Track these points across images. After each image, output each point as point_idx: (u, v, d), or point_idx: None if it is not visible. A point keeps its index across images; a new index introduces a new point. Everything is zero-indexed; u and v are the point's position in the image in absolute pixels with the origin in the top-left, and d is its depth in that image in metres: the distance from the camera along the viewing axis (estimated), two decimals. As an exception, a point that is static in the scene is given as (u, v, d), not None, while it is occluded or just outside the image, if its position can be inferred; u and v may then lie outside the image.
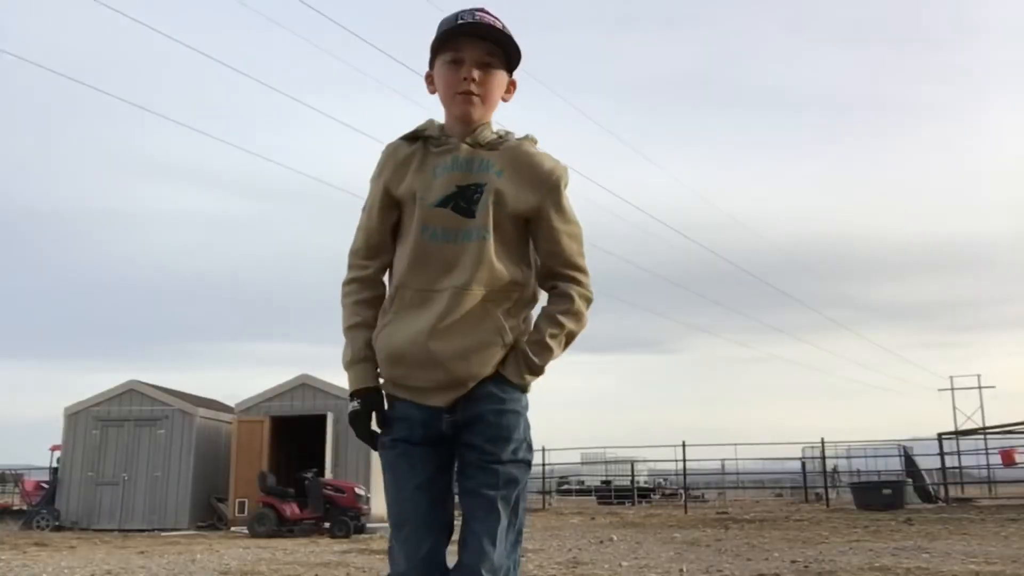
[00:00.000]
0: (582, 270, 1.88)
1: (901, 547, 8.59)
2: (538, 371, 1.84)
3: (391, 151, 1.89)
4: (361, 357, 1.86)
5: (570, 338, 1.86)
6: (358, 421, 1.84)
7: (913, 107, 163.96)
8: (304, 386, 17.27)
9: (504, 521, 1.75)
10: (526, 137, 1.91)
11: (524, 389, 1.84)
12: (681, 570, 6.83)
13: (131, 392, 17.64)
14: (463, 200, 1.79)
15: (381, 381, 1.89)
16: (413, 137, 1.88)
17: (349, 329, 1.88)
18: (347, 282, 1.92)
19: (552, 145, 2.04)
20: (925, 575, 6.25)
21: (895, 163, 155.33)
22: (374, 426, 1.87)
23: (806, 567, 6.89)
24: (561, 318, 1.84)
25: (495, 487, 1.75)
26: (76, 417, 17.49)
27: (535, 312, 1.92)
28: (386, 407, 1.88)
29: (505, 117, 2.09)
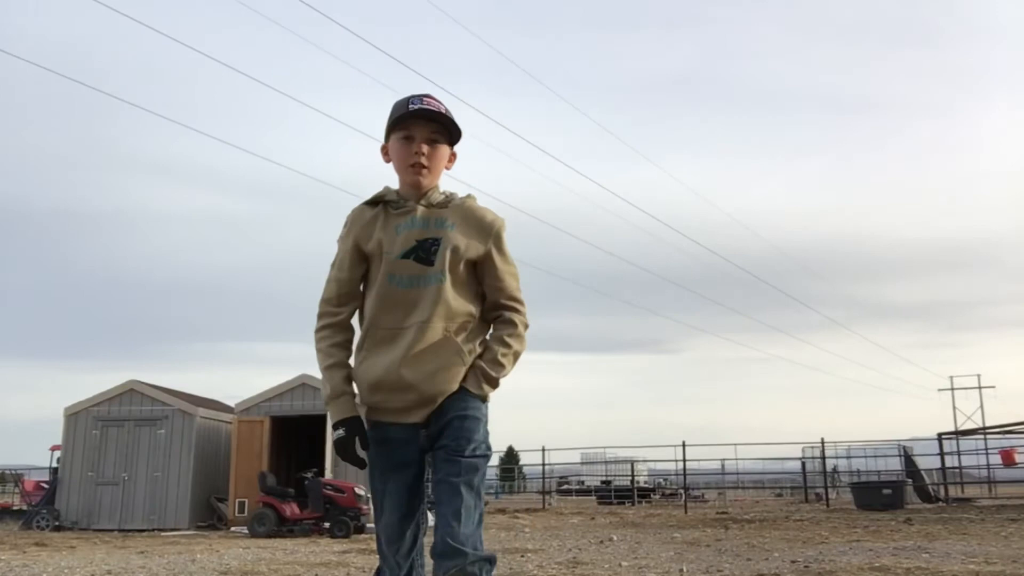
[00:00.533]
0: (521, 302, 2.28)
1: (901, 547, 8.59)
2: (494, 384, 2.21)
3: (356, 215, 2.25)
4: (340, 392, 2.19)
5: (516, 356, 2.25)
6: (344, 447, 2.17)
7: (913, 107, 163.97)
8: (304, 386, 17.28)
9: (469, 501, 2.06)
10: (468, 196, 2.29)
11: (484, 399, 2.19)
12: (681, 570, 6.83)
13: (131, 392, 17.65)
14: (422, 252, 2.16)
15: (363, 409, 2.21)
16: (374, 202, 2.24)
17: (327, 368, 2.20)
18: (320, 328, 2.24)
19: (553, 145, 2.17)
20: (925, 575, 6.25)
21: (895, 163, 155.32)
22: (358, 450, 2.19)
23: (806, 567, 6.88)
24: (508, 340, 2.23)
25: (458, 475, 2.08)
26: (76, 417, 17.49)
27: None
28: (367, 431, 2.20)
29: (511, 118, 2.14)
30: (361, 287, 2.27)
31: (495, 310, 2.26)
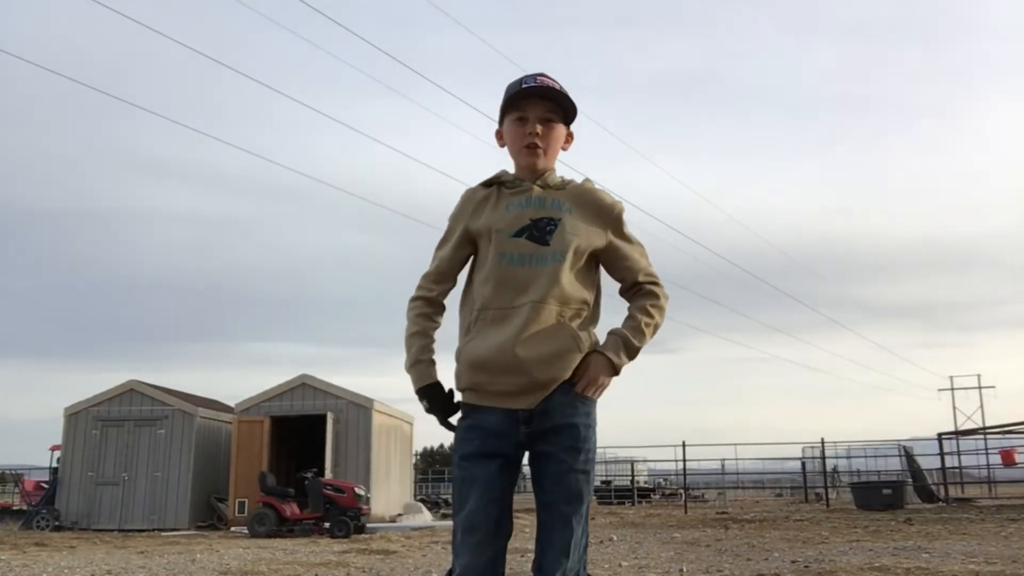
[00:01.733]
0: (657, 276, 2.18)
1: (901, 547, 8.59)
2: (634, 354, 2.08)
3: (470, 195, 2.17)
4: (415, 360, 2.09)
5: (656, 329, 2.13)
6: (433, 412, 2.09)
7: (913, 107, 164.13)
8: (304, 386, 17.28)
9: (578, 532, 2.00)
10: (586, 179, 2.20)
11: (616, 372, 2.05)
12: (681, 570, 6.83)
13: (131, 392, 17.65)
14: (536, 231, 2.06)
15: (457, 394, 2.10)
16: (489, 183, 2.16)
17: (411, 336, 2.13)
18: (413, 298, 2.17)
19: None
20: (925, 575, 6.25)
21: (895, 163, 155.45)
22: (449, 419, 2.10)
23: (806, 567, 6.89)
24: (652, 309, 2.12)
25: (569, 502, 1.99)
26: (76, 417, 17.49)
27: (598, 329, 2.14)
28: (461, 417, 2.08)
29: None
30: (463, 271, 2.19)
31: (632, 288, 2.16)
